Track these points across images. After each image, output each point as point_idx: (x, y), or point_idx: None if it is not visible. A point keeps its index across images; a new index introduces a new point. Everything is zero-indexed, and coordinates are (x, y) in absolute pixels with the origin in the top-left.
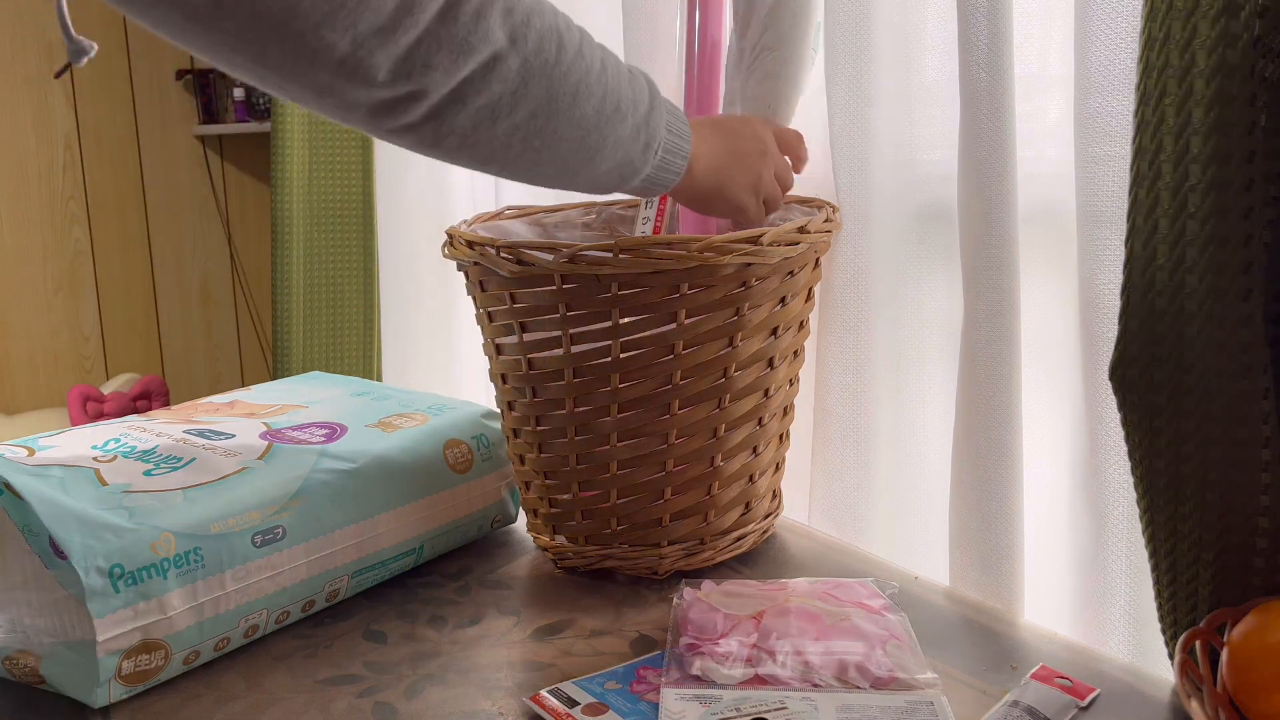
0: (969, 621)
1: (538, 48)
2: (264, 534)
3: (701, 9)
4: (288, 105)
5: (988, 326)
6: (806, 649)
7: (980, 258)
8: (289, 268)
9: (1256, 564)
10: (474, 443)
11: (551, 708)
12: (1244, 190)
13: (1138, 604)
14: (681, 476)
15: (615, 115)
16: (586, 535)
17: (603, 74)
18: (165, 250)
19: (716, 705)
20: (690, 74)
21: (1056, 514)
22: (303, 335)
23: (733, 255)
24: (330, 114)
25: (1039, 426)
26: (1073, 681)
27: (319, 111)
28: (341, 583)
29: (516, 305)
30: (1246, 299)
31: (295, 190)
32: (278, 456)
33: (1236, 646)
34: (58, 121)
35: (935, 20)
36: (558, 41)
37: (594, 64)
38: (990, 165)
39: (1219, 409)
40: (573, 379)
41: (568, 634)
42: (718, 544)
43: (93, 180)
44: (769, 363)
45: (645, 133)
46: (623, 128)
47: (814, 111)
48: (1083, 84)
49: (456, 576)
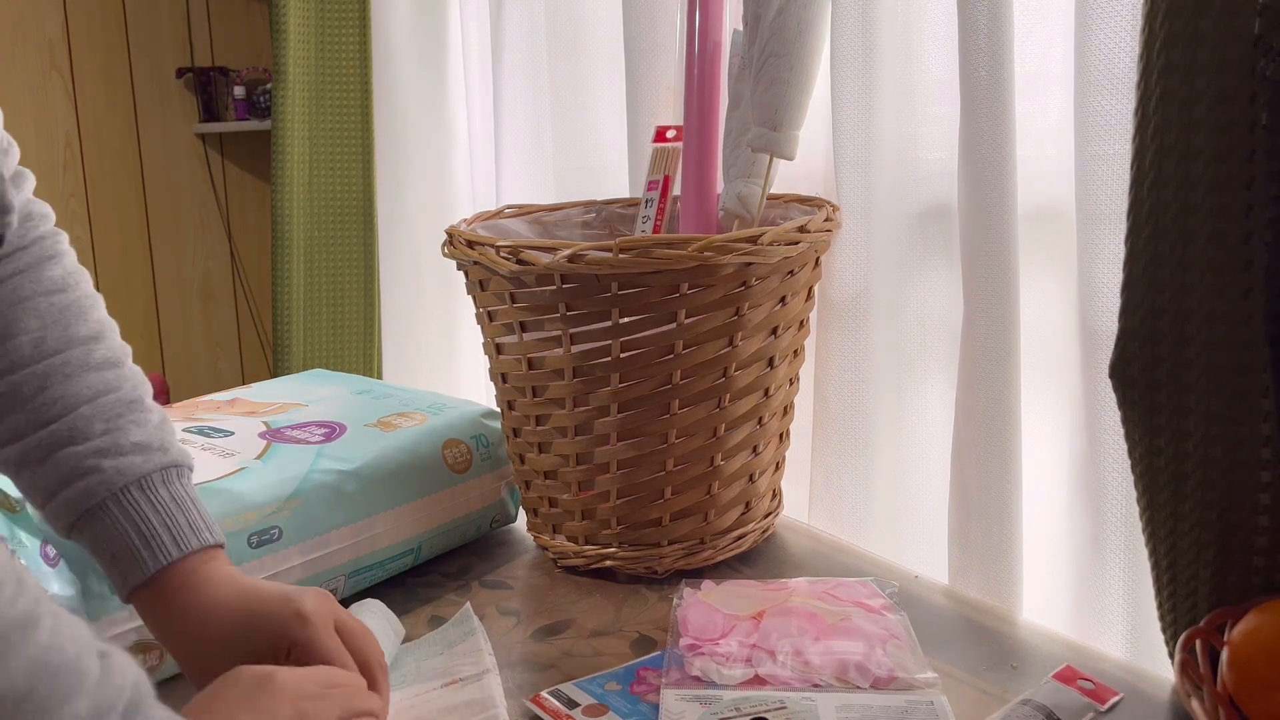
0: (969, 621)
1: None
2: (260, 535)
3: (702, 9)
4: (289, 103)
5: (988, 325)
6: (806, 649)
7: (980, 256)
8: (289, 266)
9: (1256, 564)
10: (473, 442)
11: (552, 709)
12: (1244, 189)
13: (1138, 604)
14: (681, 476)
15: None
16: (586, 535)
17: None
18: (165, 248)
19: (716, 705)
20: (690, 74)
21: (1056, 513)
22: (303, 334)
23: (733, 255)
24: None
25: (1039, 425)
26: (1095, 684)
27: None
28: (339, 582)
29: (516, 305)
30: (1246, 298)
31: (296, 188)
32: (276, 456)
33: (1236, 646)
34: (58, 120)
35: (936, 19)
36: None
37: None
38: (990, 164)
39: (1219, 408)
40: (573, 379)
41: (568, 634)
42: (718, 543)
43: (93, 179)
44: (769, 362)
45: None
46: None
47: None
48: (1083, 83)
49: (456, 576)
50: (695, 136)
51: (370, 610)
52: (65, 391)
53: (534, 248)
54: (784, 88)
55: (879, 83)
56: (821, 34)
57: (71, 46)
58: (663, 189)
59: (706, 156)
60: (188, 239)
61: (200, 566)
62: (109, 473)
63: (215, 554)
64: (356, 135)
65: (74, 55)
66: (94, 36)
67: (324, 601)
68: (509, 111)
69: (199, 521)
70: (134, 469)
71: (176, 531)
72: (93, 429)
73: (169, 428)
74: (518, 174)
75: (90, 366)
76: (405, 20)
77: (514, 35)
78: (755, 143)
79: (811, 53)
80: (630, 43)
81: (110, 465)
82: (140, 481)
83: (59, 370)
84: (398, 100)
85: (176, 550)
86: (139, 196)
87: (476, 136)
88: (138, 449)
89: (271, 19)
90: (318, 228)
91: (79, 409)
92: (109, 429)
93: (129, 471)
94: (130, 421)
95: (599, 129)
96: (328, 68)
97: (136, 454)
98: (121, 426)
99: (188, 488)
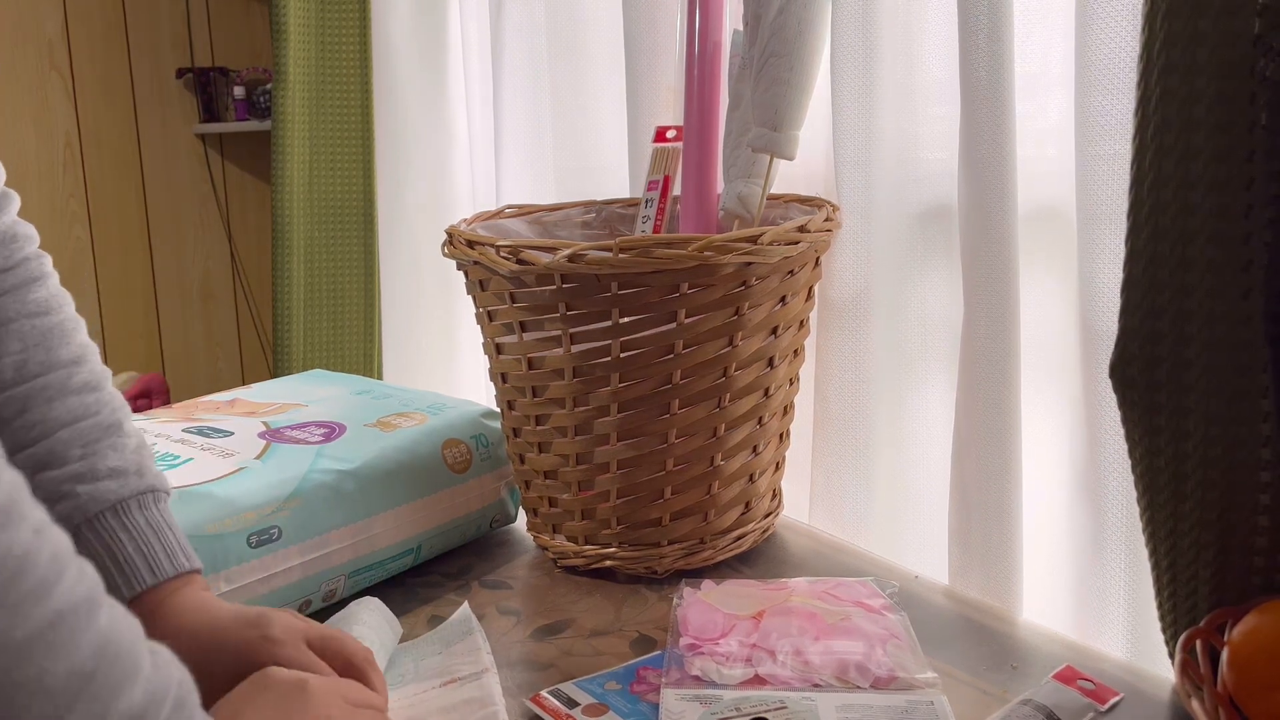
0: (969, 621)
1: None
2: (259, 535)
3: (702, 10)
4: (289, 103)
5: (988, 325)
6: (806, 649)
7: (980, 256)
8: (289, 266)
9: (1256, 564)
10: (473, 442)
11: (552, 709)
12: (1243, 189)
13: (1138, 604)
14: (681, 476)
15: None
16: (586, 535)
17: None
18: (165, 249)
19: (716, 705)
20: (690, 75)
21: (1056, 513)
22: (303, 334)
23: (733, 254)
24: None
25: (1039, 425)
26: (1095, 684)
27: None
28: (338, 583)
29: (516, 304)
30: (1246, 298)
31: (296, 188)
32: (275, 456)
33: (1236, 646)
34: (58, 120)
35: (936, 19)
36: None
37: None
38: (991, 164)
39: (1219, 408)
40: (573, 378)
41: (568, 634)
42: (718, 543)
43: (93, 179)
44: (769, 362)
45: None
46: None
47: (817, 110)
48: (1083, 83)
49: (456, 576)
50: (695, 136)
51: (368, 608)
52: (45, 415)
53: (534, 247)
54: (784, 88)
55: (879, 83)
56: (822, 34)
57: (71, 46)
58: (663, 189)
59: (706, 156)
60: (188, 239)
61: (170, 596)
62: (84, 498)
63: (189, 580)
64: (356, 135)
65: (74, 55)
66: (94, 37)
67: (292, 620)
68: (509, 111)
69: (174, 547)
70: (109, 494)
71: (151, 558)
72: (70, 453)
73: (147, 452)
74: (518, 174)
75: (70, 390)
76: (405, 20)
77: (514, 35)
78: (755, 143)
79: (812, 53)
80: (630, 43)
81: (85, 491)
82: (116, 507)
83: (40, 394)
84: (398, 100)
85: (151, 577)
86: (139, 197)
87: (476, 136)
88: (114, 474)
89: (271, 19)
90: (318, 228)
91: (57, 433)
92: (86, 454)
93: (104, 497)
94: (108, 446)
95: (599, 129)
96: (328, 68)
97: (112, 479)
98: (99, 451)
99: (164, 513)
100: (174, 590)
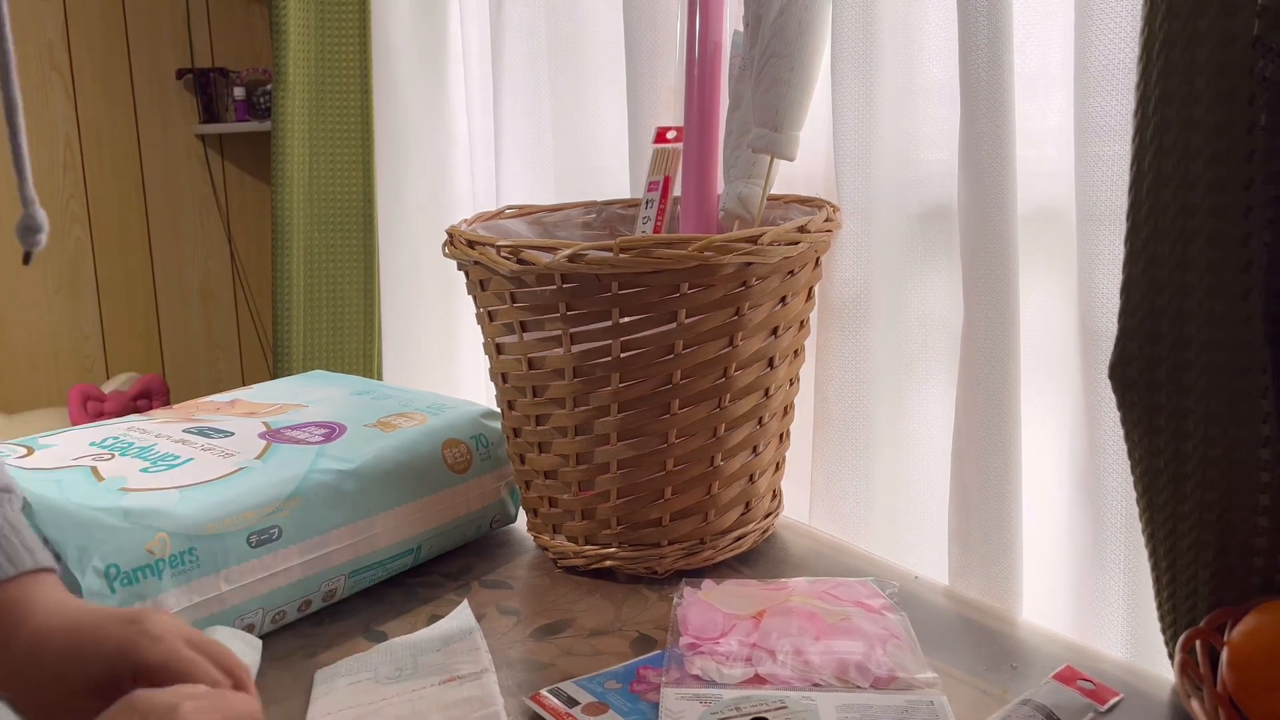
0: (969, 621)
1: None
2: (260, 534)
3: (702, 10)
4: (289, 104)
5: (988, 325)
6: (806, 648)
7: (980, 257)
8: (289, 267)
9: (1256, 564)
10: (473, 442)
11: (552, 707)
12: (1243, 189)
13: (1137, 604)
14: (681, 476)
15: None
16: (586, 535)
17: None
18: (165, 249)
19: (716, 705)
20: (690, 76)
21: (1056, 514)
22: (303, 335)
23: (733, 255)
24: None
25: (1039, 425)
26: (1095, 684)
27: None
28: (338, 582)
29: (517, 305)
30: (1245, 298)
31: (296, 189)
32: (275, 456)
33: (1236, 646)
34: (58, 120)
35: (936, 20)
36: None
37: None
38: (990, 165)
39: (1218, 409)
40: (573, 378)
41: (568, 634)
42: (718, 543)
43: (93, 179)
44: (769, 362)
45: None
46: None
47: (817, 110)
48: (1083, 83)
49: (456, 576)
50: (696, 137)
51: (221, 634)
52: None
53: (534, 247)
54: (785, 88)
55: (879, 83)
56: (822, 35)
57: (71, 47)
58: (663, 190)
59: (707, 157)
60: (188, 239)
61: (25, 594)
62: None
63: (44, 578)
64: (356, 135)
65: (74, 56)
66: (94, 37)
67: (172, 618)
68: (509, 111)
69: (30, 544)
70: None
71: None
72: None
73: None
74: (518, 174)
75: None
76: (405, 20)
77: (514, 35)
78: (756, 143)
79: (812, 53)
80: (631, 43)
81: None
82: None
83: None
84: (398, 100)
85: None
86: (139, 197)
87: (476, 136)
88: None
89: (271, 19)
90: (318, 228)
91: None
92: None
93: None
94: None
95: (599, 130)
96: (328, 68)
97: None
98: None
99: (9, 515)
100: (28, 589)
